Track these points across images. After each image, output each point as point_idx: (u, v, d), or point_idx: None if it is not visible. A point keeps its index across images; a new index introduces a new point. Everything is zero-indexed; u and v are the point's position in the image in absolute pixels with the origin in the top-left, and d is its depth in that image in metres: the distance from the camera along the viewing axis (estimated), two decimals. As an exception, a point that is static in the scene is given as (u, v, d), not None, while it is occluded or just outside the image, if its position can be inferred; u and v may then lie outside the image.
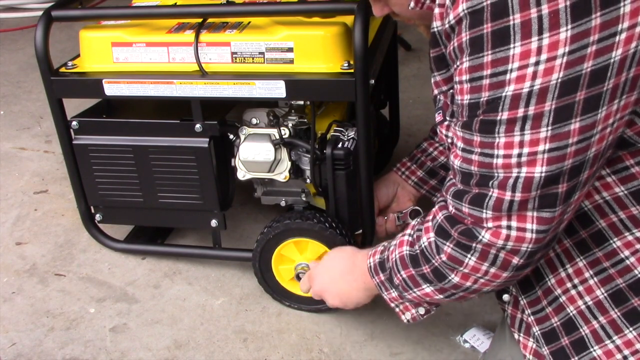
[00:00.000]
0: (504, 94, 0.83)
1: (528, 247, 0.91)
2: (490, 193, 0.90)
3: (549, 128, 0.83)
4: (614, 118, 0.84)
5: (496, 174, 0.89)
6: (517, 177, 0.87)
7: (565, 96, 0.81)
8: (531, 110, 0.83)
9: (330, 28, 1.39)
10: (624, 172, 0.93)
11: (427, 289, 1.07)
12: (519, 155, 0.86)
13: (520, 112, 0.83)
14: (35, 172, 2.19)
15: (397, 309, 1.21)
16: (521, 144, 0.85)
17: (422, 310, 1.19)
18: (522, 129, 0.84)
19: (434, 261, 1.02)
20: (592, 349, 0.95)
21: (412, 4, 1.00)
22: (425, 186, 1.56)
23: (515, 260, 0.93)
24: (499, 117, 0.85)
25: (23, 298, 1.64)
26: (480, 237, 0.93)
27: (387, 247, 1.16)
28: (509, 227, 0.91)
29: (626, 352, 0.93)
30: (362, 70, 1.34)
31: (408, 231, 1.12)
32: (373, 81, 1.39)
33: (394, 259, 1.12)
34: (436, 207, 1.04)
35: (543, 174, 0.85)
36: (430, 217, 1.05)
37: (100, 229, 1.76)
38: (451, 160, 0.97)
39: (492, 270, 0.96)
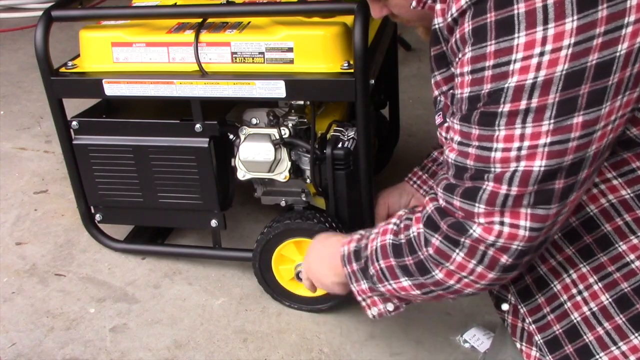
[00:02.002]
0: (506, 86, 0.82)
1: (519, 246, 0.88)
2: (484, 186, 0.88)
3: (552, 121, 0.81)
4: (616, 115, 0.83)
5: (492, 168, 0.87)
6: (515, 171, 0.85)
7: (570, 89, 0.80)
8: (534, 102, 0.81)
9: (330, 28, 1.39)
10: (630, 174, 0.92)
11: (405, 282, 1.03)
12: (519, 149, 0.84)
13: (523, 104, 0.81)
14: (35, 172, 2.19)
15: (363, 303, 1.15)
16: (522, 137, 0.83)
17: (390, 307, 1.13)
18: (524, 121, 0.82)
19: (419, 253, 0.99)
20: (597, 356, 0.94)
21: (413, 4, 0.98)
22: None
23: (504, 259, 0.90)
24: (500, 109, 0.83)
25: (23, 298, 1.64)
26: (471, 232, 0.90)
27: (366, 235, 1.12)
28: (501, 224, 0.88)
29: (632, 357, 0.92)
30: (362, 70, 1.33)
31: (394, 220, 1.07)
32: (373, 81, 1.39)
33: (373, 247, 1.07)
34: (427, 198, 1.00)
35: (542, 168, 0.83)
36: (421, 208, 1.02)
37: (100, 229, 1.76)
38: (445, 154, 0.95)
39: (479, 269, 0.92)
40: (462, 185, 0.91)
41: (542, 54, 0.79)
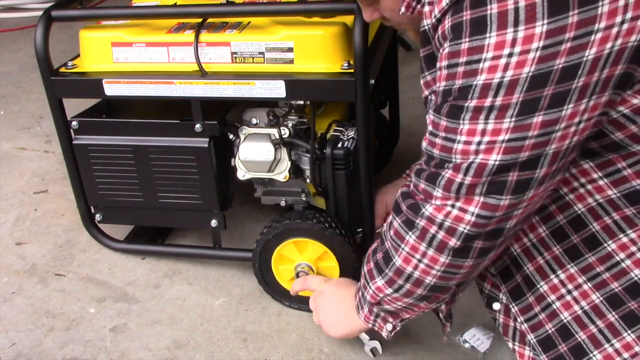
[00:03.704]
0: (475, 83, 0.85)
1: (465, 229, 0.93)
2: (443, 173, 0.93)
3: (512, 119, 0.84)
4: (580, 117, 0.84)
5: (453, 159, 0.91)
6: (472, 162, 0.89)
7: (534, 90, 0.82)
8: (498, 100, 0.84)
9: (330, 28, 1.39)
10: (616, 174, 0.93)
11: (379, 281, 1.10)
12: (479, 143, 0.87)
13: (488, 101, 0.85)
14: (35, 172, 2.19)
15: (375, 327, 1.24)
16: (483, 133, 0.87)
17: (389, 327, 1.21)
18: (487, 117, 0.86)
19: (386, 243, 1.06)
20: (591, 354, 0.95)
21: (402, 9, 1.00)
22: None
23: (452, 242, 0.95)
24: (466, 104, 0.87)
25: (23, 298, 1.64)
26: (423, 211, 0.96)
27: None
28: (452, 206, 0.93)
29: (625, 355, 0.92)
30: (362, 70, 1.34)
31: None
32: (373, 81, 1.39)
33: (365, 257, 1.16)
34: (401, 186, 1.08)
35: (497, 162, 0.87)
36: None
37: (100, 229, 1.76)
38: (422, 142, 1.00)
39: (430, 252, 0.98)
40: (428, 170, 0.97)
41: (510, 55, 0.81)
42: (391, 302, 1.12)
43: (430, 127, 0.96)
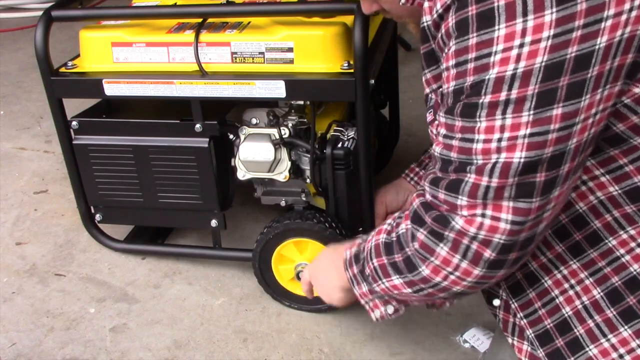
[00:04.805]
0: (487, 77, 0.83)
1: (501, 239, 0.89)
2: (466, 178, 0.88)
3: (531, 112, 0.82)
4: (596, 108, 0.84)
5: (475, 160, 0.87)
6: (496, 162, 0.85)
7: (549, 80, 0.81)
8: (514, 93, 0.82)
9: (330, 28, 1.39)
10: (618, 171, 0.93)
11: (396, 280, 1.04)
12: (499, 140, 0.84)
13: (503, 95, 0.82)
14: (35, 172, 2.19)
15: (367, 306, 1.17)
16: (502, 128, 0.84)
17: (390, 309, 1.14)
18: (504, 112, 0.83)
19: (407, 249, 1.00)
20: (587, 349, 0.95)
21: (402, 0, 1.00)
22: None
23: (487, 254, 0.90)
24: (481, 101, 0.84)
25: (23, 298, 1.64)
26: (453, 224, 0.91)
27: (365, 238, 1.13)
28: (483, 215, 0.88)
29: (622, 350, 0.93)
30: (362, 70, 1.34)
31: (389, 220, 1.09)
32: (373, 81, 1.39)
33: (369, 248, 1.09)
34: (414, 194, 1.02)
35: (522, 160, 0.84)
36: (409, 205, 1.03)
37: (100, 229, 1.76)
38: (433, 148, 0.96)
39: (463, 264, 0.93)
40: (447, 178, 0.92)
41: (521, 45, 0.80)
42: (405, 296, 1.08)
43: (443, 130, 0.92)
